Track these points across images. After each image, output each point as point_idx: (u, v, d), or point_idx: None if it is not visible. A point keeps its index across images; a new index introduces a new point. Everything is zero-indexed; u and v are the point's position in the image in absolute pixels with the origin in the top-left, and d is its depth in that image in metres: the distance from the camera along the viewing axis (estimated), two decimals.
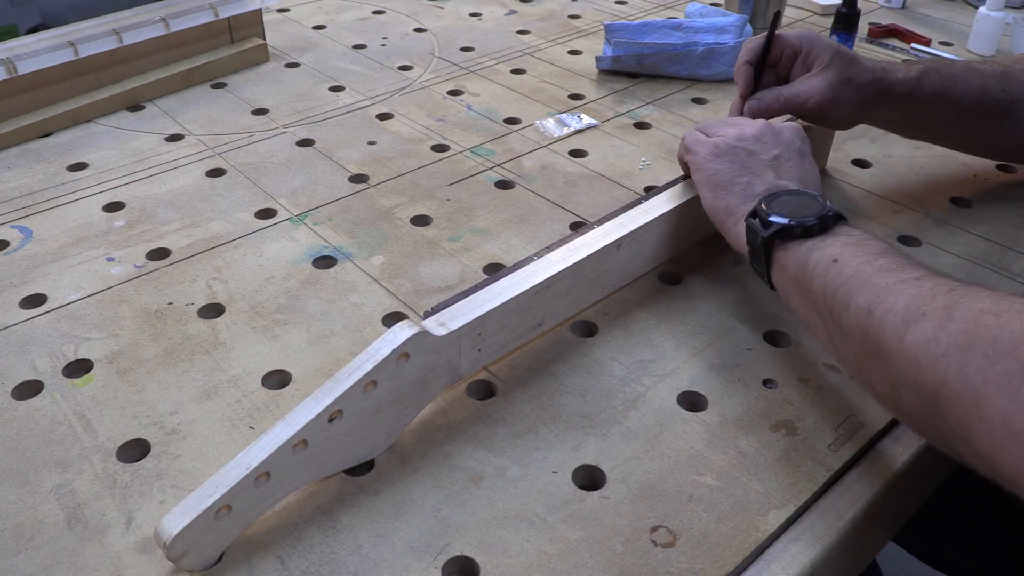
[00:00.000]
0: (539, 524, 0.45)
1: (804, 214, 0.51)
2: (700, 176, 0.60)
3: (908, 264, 0.45)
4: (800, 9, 1.20)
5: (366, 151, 0.83)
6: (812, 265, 0.49)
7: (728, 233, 0.57)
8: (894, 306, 0.42)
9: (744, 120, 0.62)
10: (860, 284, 0.45)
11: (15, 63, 0.82)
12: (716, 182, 0.58)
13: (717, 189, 0.58)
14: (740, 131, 0.60)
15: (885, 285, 0.44)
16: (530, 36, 1.11)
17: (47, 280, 0.64)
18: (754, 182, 0.57)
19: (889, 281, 0.44)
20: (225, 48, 1.00)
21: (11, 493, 0.47)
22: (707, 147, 0.60)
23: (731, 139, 0.59)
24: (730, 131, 0.60)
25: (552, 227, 0.71)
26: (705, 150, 0.60)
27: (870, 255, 0.47)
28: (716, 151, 0.59)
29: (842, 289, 0.46)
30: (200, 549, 0.42)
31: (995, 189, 0.76)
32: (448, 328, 0.49)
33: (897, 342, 0.42)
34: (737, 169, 0.58)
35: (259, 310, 0.61)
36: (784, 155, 0.58)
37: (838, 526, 0.46)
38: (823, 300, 0.48)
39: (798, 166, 0.58)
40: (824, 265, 0.48)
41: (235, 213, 0.73)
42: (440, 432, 0.51)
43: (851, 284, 0.46)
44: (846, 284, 0.46)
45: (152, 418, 0.52)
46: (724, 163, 0.58)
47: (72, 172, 0.79)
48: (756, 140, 0.59)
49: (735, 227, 0.56)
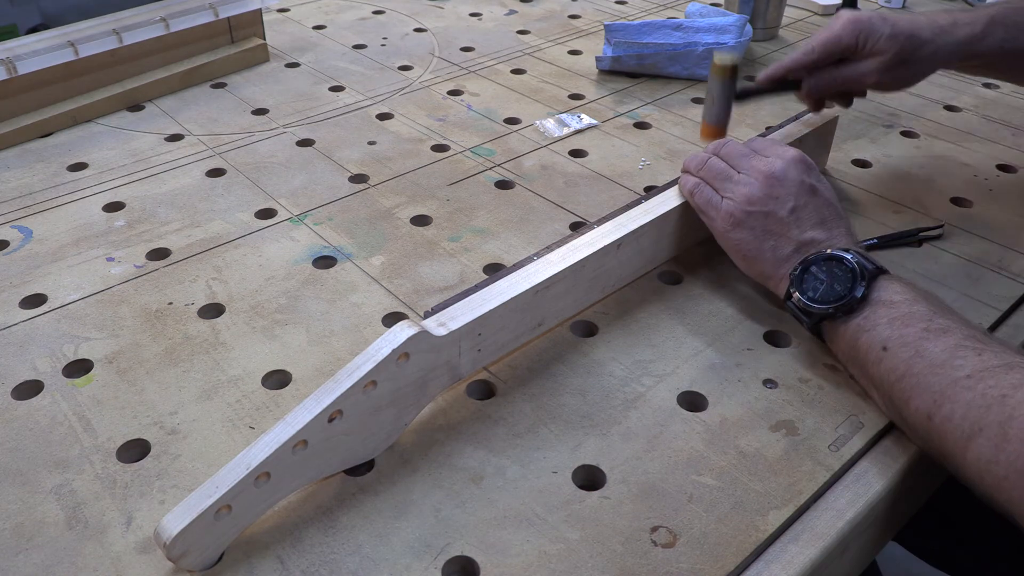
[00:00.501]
0: (539, 524, 0.45)
1: (839, 293, 0.52)
2: (725, 245, 0.60)
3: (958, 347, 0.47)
4: (800, 9, 1.20)
5: (366, 151, 0.83)
6: (864, 350, 0.51)
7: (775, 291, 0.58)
8: (952, 415, 0.45)
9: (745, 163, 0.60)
10: (915, 385, 0.47)
11: (15, 63, 0.82)
12: (743, 252, 0.58)
13: (747, 260, 0.58)
14: (748, 192, 0.58)
15: (940, 388, 0.46)
16: (530, 36, 1.11)
17: (47, 280, 0.64)
18: (780, 244, 0.57)
19: (943, 383, 0.46)
20: (225, 48, 1.00)
21: (11, 493, 0.47)
22: (722, 216, 0.59)
23: (742, 204, 0.58)
24: (738, 191, 0.58)
25: (552, 227, 0.71)
26: (721, 219, 0.59)
27: (919, 339, 0.48)
28: (733, 220, 0.58)
29: (898, 386, 0.48)
30: (200, 549, 0.42)
31: (995, 189, 0.76)
32: (448, 328, 0.49)
33: (960, 455, 0.44)
34: (760, 235, 0.57)
35: (259, 310, 0.61)
36: (799, 203, 0.57)
37: (838, 526, 0.46)
38: (882, 387, 0.50)
39: (815, 207, 0.57)
40: (876, 353, 0.50)
41: (235, 213, 0.73)
42: (440, 432, 0.51)
43: (906, 383, 0.48)
44: (901, 382, 0.48)
45: (152, 418, 0.52)
46: (745, 232, 0.58)
47: (72, 172, 0.79)
48: (767, 199, 0.57)
49: (777, 289, 0.57)
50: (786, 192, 0.57)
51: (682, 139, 0.84)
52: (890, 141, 0.84)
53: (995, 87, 0.97)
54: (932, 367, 0.46)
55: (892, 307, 0.50)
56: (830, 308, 0.52)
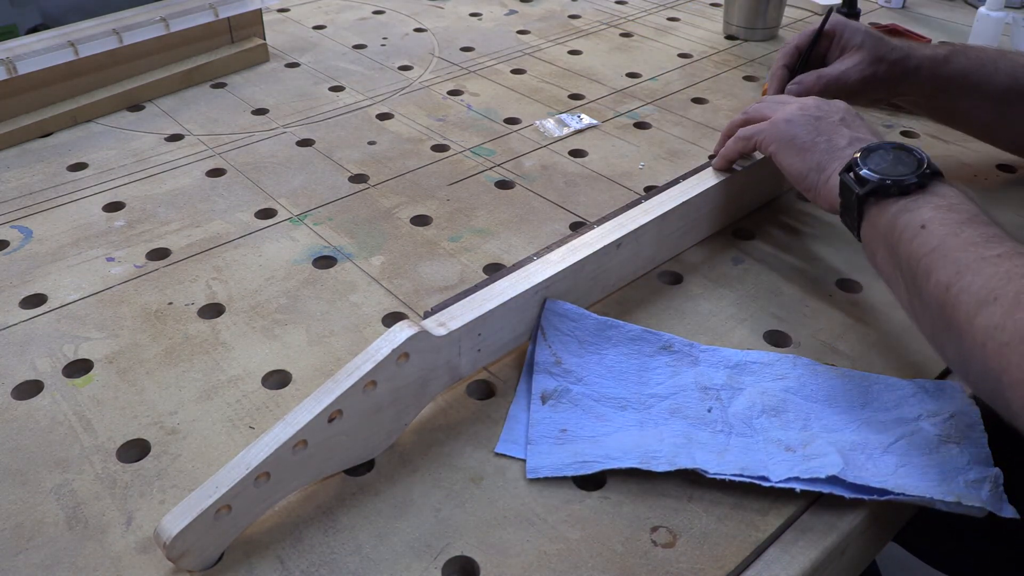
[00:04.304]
0: (539, 524, 0.45)
1: (901, 172, 0.52)
2: (779, 144, 0.61)
3: (994, 237, 0.46)
4: (800, 9, 1.20)
5: (366, 151, 0.83)
6: (901, 228, 0.50)
7: (819, 192, 0.58)
8: (971, 285, 0.44)
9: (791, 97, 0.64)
10: (943, 256, 0.46)
11: (15, 63, 0.82)
12: (798, 145, 0.60)
13: (802, 151, 0.59)
14: (800, 104, 0.62)
15: (967, 261, 0.45)
16: (530, 36, 1.11)
17: (47, 280, 0.64)
18: (834, 138, 0.59)
19: (971, 257, 0.45)
20: (225, 48, 1.00)
21: (11, 493, 0.47)
22: (778, 117, 0.62)
23: (795, 111, 0.61)
24: (788, 107, 0.62)
25: (552, 227, 0.71)
26: (777, 118, 0.62)
27: (959, 224, 0.48)
28: (789, 117, 0.61)
29: (925, 259, 0.48)
30: (200, 549, 0.42)
31: (995, 189, 0.76)
32: (448, 328, 0.49)
33: (968, 323, 0.44)
34: (813, 132, 0.59)
35: (259, 310, 0.61)
36: (847, 118, 0.60)
37: (838, 526, 0.46)
38: (907, 265, 0.49)
39: (864, 124, 0.59)
40: (912, 231, 0.49)
41: (235, 213, 0.73)
42: (440, 432, 0.51)
43: (935, 255, 0.47)
44: (931, 255, 0.47)
45: (152, 418, 0.52)
46: (799, 128, 0.60)
47: (72, 172, 0.79)
48: (817, 108, 0.61)
49: (827, 184, 0.57)
50: (833, 108, 0.60)
51: (682, 139, 0.84)
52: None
53: None
54: (965, 245, 0.46)
55: (942, 198, 0.50)
56: (888, 180, 0.52)
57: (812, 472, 0.46)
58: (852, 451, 0.47)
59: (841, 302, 0.62)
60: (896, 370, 0.55)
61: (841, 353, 0.57)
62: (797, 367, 0.54)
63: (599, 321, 0.55)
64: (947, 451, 0.47)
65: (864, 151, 0.54)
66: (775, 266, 0.66)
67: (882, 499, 0.45)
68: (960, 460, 0.47)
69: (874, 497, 0.45)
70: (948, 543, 0.78)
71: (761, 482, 0.46)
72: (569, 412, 0.51)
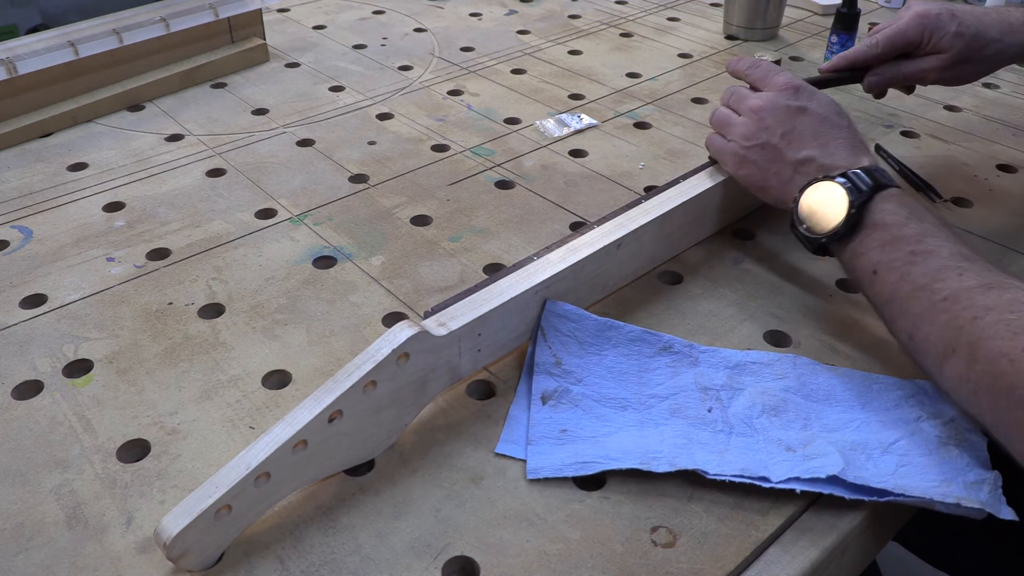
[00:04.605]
0: (539, 524, 0.45)
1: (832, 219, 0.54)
2: (742, 183, 0.63)
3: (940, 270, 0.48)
4: (800, 9, 1.20)
5: (366, 151, 0.83)
6: (859, 273, 0.54)
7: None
8: (928, 336, 0.48)
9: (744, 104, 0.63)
10: (898, 308, 0.50)
11: (15, 63, 0.82)
12: (754, 186, 0.62)
13: (761, 191, 0.62)
14: (743, 131, 0.62)
15: (919, 311, 0.48)
16: (530, 36, 1.11)
17: (47, 280, 0.64)
18: (781, 170, 0.60)
19: (923, 306, 0.48)
20: (225, 48, 1.00)
21: (11, 493, 0.47)
22: (729, 159, 0.63)
23: (741, 142, 0.62)
24: (736, 132, 0.63)
25: (552, 227, 0.71)
26: (729, 162, 0.63)
27: (906, 263, 0.50)
28: (737, 160, 0.62)
29: (886, 309, 0.51)
30: (200, 549, 0.42)
31: (995, 189, 0.76)
32: (448, 328, 0.49)
33: (937, 370, 0.48)
34: (763, 166, 0.61)
35: (259, 310, 0.61)
36: (788, 128, 0.60)
37: (838, 526, 0.46)
38: (876, 309, 0.53)
39: (806, 126, 0.59)
40: (867, 277, 0.53)
41: (235, 213, 0.73)
42: (440, 432, 0.51)
43: (892, 307, 0.51)
44: (888, 305, 0.51)
45: (152, 418, 0.52)
46: (750, 167, 0.62)
47: (72, 172, 0.79)
48: (759, 132, 0.60)
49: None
50: (775, 120, 0.60)
51: (682, 139, 0.84)
52: (890, 141, 0.84)
53: (995, 87, 0.97)
54: (914, 291, 0.49)
55: (884, 230, 0.52)
56: (822, 238, 0.55)
57: (812, 472, 0.46)
58: (852, 451, 0.47)
59: (841, 302, 0.62)
60: (896, 370, 0.55)
61: (841, 353, 0.57)
62: (797, 367, 0.54)
63: (599, 322, 0.55)
64: (947, 452, 0.47)
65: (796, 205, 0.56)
66: (775, 266, 0.66)
67: (882, 500, 0.45)
68: (960, 462, 0.47)
69: (874, 498, 0.45)
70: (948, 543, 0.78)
71: (761, 483, 0.46)
72: (569, 412, 0.51)
